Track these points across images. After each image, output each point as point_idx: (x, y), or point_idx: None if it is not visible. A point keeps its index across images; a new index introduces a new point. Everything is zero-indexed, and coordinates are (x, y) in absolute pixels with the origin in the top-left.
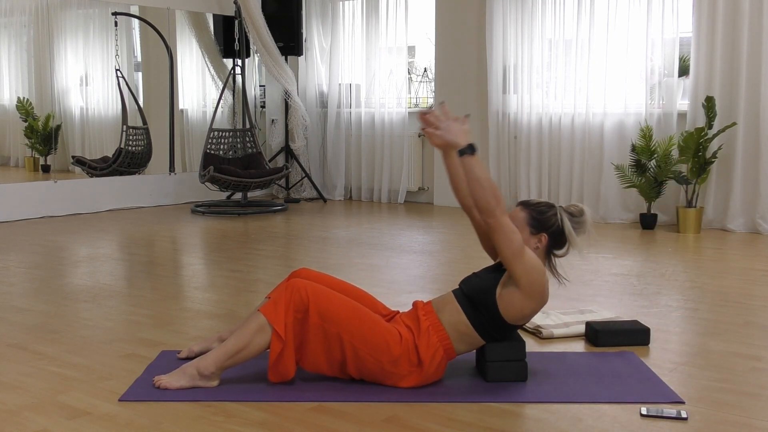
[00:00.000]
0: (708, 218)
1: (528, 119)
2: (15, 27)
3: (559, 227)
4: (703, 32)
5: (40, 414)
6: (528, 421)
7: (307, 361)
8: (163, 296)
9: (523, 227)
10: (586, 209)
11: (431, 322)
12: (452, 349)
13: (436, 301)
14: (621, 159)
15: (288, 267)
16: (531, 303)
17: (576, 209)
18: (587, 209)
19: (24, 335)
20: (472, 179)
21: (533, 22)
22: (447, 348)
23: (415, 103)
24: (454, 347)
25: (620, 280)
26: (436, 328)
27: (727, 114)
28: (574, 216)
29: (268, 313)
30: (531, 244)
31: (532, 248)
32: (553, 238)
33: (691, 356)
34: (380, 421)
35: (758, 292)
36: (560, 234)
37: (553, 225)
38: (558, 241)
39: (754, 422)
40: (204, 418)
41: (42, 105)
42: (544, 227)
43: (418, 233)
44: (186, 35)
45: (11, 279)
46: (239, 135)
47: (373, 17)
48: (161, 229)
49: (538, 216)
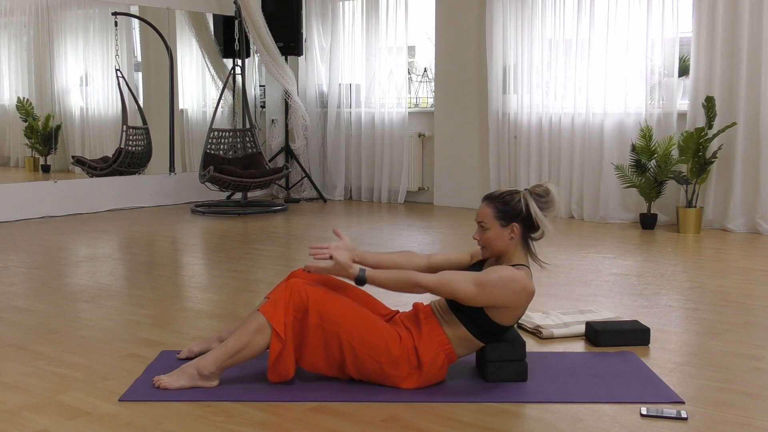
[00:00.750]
0: (708, 218)
1: (528, 119)
2: (15, 27)
3: (527, 213)
4: (703, 32)
5: (40, 414)
6: (528, 421)
7: (306, 361)
8: (163, 296)
9: (492, 222)
10: (552, 187)
11: (431, 326)
12: (453, 353)
13: (435, 304)
14: (621, 159)
15: (288, 267)
16: (518, 308)
17: (541, 189)
18: (553, 187)
19: (24, 335)
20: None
21: (533, 22)
22: (448, 352)
23: (415, 103)
24: (455, 351)
25: (620, 280)
26: (437, 332)
27: (727, 114)
28: (541, 196)
29: (267, 313)
30: (505, 236)
31: (507, 239)
32: (525, 225)
33: (691, 356)
34: (380, 421)
35: (758, 292)
36: (530, 219)
37: (521, 212)
38: (530, 226)
39: (754, 422)
40: (204, 418)
41: (42, 105)
42: (512, 216)
43: (418, 233)
44: (186, 35)
45: (11, 279)
46: (239, 135)
47: (373, 17)
48: (161, 229)
49: (503, 207)
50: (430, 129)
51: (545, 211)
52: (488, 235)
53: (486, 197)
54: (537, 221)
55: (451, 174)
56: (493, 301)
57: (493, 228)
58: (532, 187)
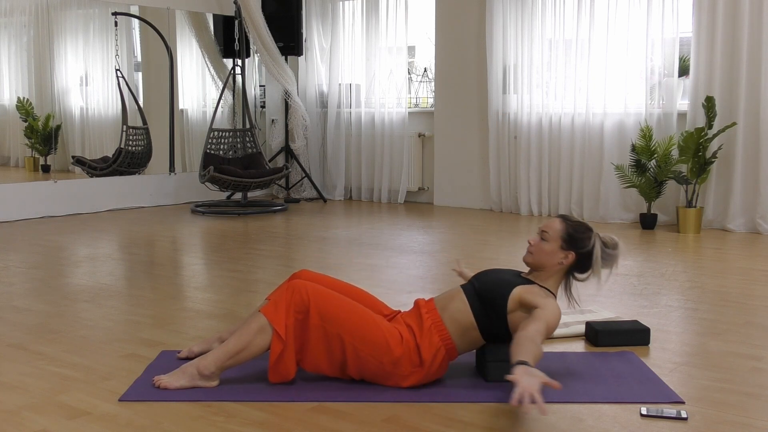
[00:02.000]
0: (708, 218)
1: (528, 119)
2: (15, 27)
3: (589, 251)
4: (703, 32)
5: (40, 414)
6: (528, 421)
7: (308, 362)
8: (163, 296)
9: (555, 238)
10: (621, 244)
11: (433, 320)
12: (454, 348)
13: (439, 298)
14: (621, 159)
15: (288, 267)
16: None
17: (611, 241)
18: (622, 244)
19: (24, 335)
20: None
21: (533, 22)
22: (449, 347)
23: (415, 103)
24: (456, 346)
25: (620, 280)
26: (438, 326)
27: (727, 114)
28: (608, 247)
29: (268, 314)
30: (557, 258)
31: (557, 262)
32: (580, 260)
33: (691, 356)
34: (380, 421)
35: (758, 292)
36: (588, 258)
37: (585, 247)
38: (583, 265)
39: (754, 422)
40: (204, 418)
41: (42, 105)
42: (575, 246)
43: (418, 233)
44: (186, 35)
45: (11, 279)
46: (239, 135)
47: (373, 17)
48: (161, 229)
49: (573, 232)
50: (430, 129)
51: (604, 262)
52: (544, 247)
53: (563, 216)
54: (594, 265)
55: (451, 174)
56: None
57: (552, 243)
58: (606, 234)
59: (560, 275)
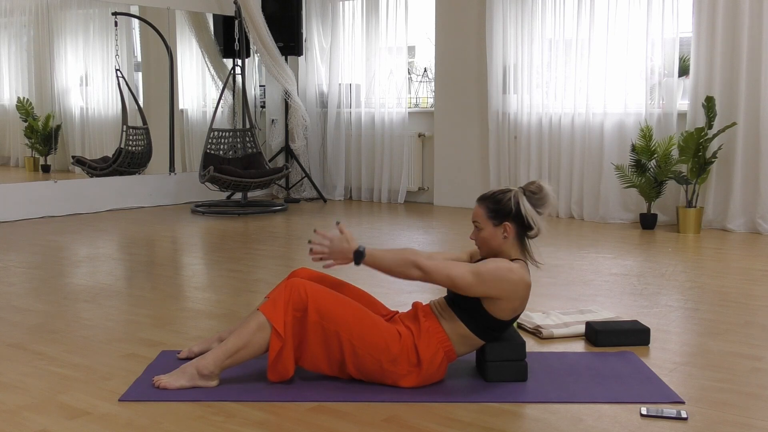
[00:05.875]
0: (708, 218)
1: (528, 119)
2: (15, 27)
3: (518, 210)
4: (703, 32)
5: (40, 414)
6: (528, 421)
7: (306, 360)
8: (163, 296)
9: (485, 222)
10: (545, 183)
11: (431, 323)
12: (453, 351)
13: (434, 303)
14: (621, 159)
15: (288, 267)
16: (515, 300)
17: (534, 186)
18: (546, 183)
19: (24, 335)
20: (384, 272)
21: (533, 22)
22: (447, 350)
23: (415, 103)
24: (454, 349)
25: (620, 280)
26: (436, 330)
27: (727, 114)
28: (534, 193)
29: (267, 312)
30: (498, 235)
31: (500, 239)
32: (518, 223)
33: (691, 356)
34: (380, 421)
35: (758, 292)
36: (521, 217)
37: (511, 210)
38: (523, 225)
39: (754, 422)
40: (204, 418)
41: (42, 105)
42: (504, 215)
43: (418, 233)
44: (186, 35)
45: (11, 279)
46: (239, 135)
47: (373, 17)
48: (161, 229)
49: (494, 206)
50: (430, 129)
51: (540, 209)
52: (483, 235)
53: (479, 197)
54: (528, 219)
55: (451, 174)
56: (490, 290)
57: (486, 228)
58: (526, 184)
59: (515, 246)
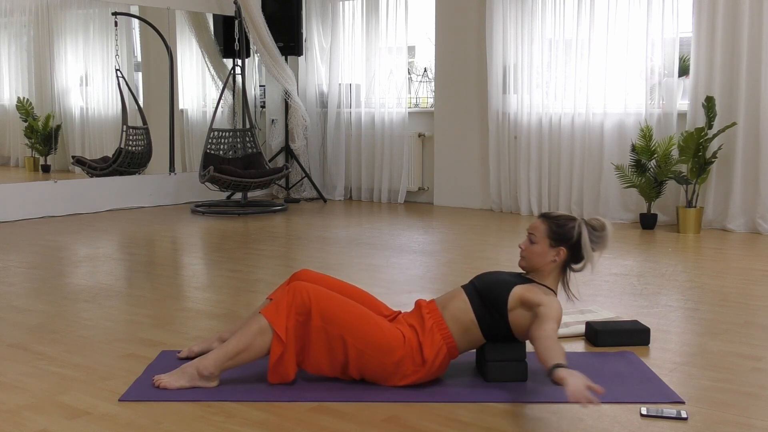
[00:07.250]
0: (708, 218)
1: (528, 119)
2: (15, 27)
3: (578, 241)
4: (703, 32)
5: (40, 414)
6: (528, 421)
7: (309, 364)
8: (163, 296)
9: (542, 238)
10: (608, 224)
11: (435, 320)
12: (455, 347)
13: (440, 298)
14: (621, 159)
15: (288, 267)
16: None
17: (597, 223)
18: (609, 224)
19: (24, 335)
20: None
21: (533, 22)
22: (450, 346)
23: (415, 103)
24: (457, 345)
25: (620, 280)
26: (440, 326)
27: (727, 114)
28: (595, 230)
29: (269, 316)
30: (549, 256)
31: (549, 260)
32: (572, 252)
33: (691, 356)
34: (380, 421)
35: (758, 292)
36: (579, 248)
37: (572, 239)
38: (576, 256)
39: (754, 422)
40: (204, 418)
41: (42, 105)
42: (563, 240)
43: (418, 233)
44: (186, 35)
45: (11, 279)
46: (239, 135)
47: (373, 17)
48: (161, 229)
49: (557, 229)
50: (430, 129)
51: (595, 246)
52: (534, 249)
53: (543, 214)
54: (584, 253)
55: (451, 174)
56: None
57: (541, 244)
58: (590, 218)
59: (557, 271)
